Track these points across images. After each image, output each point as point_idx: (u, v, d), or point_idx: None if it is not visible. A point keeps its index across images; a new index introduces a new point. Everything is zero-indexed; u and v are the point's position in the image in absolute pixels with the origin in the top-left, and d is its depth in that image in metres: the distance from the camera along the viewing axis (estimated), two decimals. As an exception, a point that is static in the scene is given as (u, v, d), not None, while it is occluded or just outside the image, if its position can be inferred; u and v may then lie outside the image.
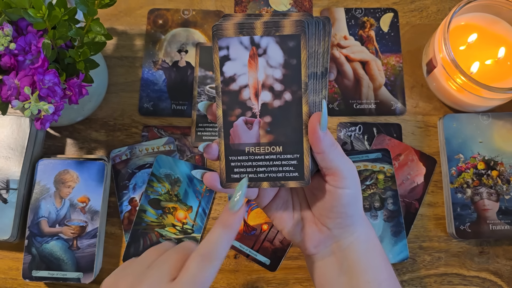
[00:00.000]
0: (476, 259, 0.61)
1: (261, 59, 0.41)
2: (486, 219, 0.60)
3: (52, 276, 0.58)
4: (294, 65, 0.41)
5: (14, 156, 0.60)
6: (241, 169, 0.43)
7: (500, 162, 0.62)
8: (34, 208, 0.60)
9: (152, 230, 0.61)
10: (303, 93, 0.41)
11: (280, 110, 0.42)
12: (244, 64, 0.42)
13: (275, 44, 0.41)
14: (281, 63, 0.41)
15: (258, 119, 0.42)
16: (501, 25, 0.64)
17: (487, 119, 0.63)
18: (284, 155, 0.42)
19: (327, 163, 0.42)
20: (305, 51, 0.40)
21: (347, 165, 0.43)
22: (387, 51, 0.69)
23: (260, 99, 0.42)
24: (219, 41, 0.42)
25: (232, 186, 0.43)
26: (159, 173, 0.63)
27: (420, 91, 0.67)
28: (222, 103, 0.42)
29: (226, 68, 0.42)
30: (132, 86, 0.68)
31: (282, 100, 0.42)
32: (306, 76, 0.41)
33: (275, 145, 0.42)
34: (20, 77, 0.49)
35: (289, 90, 0.41)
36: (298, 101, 0.41)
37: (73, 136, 0.66)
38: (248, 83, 0.42)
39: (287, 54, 0.41)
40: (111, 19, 0.70)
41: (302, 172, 0.42)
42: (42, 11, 0.48)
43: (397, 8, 0.71)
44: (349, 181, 0.43)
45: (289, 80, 0.41)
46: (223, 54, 0.42)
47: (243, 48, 0.41)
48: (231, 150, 0.43)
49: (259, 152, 0.43)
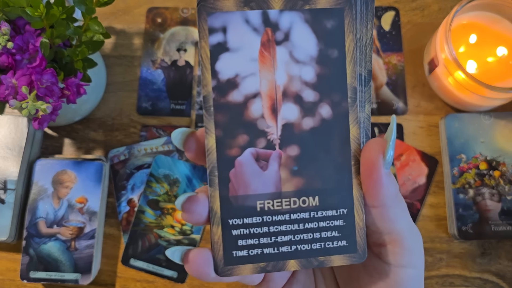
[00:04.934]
0: (478, 260, 0.61)
1: (281, 49, 0.26)
2: (488, 219, 0.60)
3: (50, 277, 0.57)
4: (335, 59, 0.26)
5: (12, 156, 0.60)
6: (251, 240, 0.27)
7: (502, 162, 0.61)
8: (32, 209, 0.59)
9: (151, 231, 0.61)
10: (350, 105, 0.27)
11: (314, 135, 0.27)
12: (252, 58, 0.27)
13: (303, 23, 0.26)
14: (314, 56, 0.27)
15: (277, 152, 0.27)
16: (504, 24, 0.63)
17: (489, 119, 0.63)
18: (323, 211, 0.27)
19: (385, 223, 0.27)
20: (351, 35, 0.26)
21: (413, 230, 0.28)
22: (389, 50, 0.68)
23: (280, 117, 0.27)
24: (210, 18, 0.26)
25: (235, 272, 0.27)
26: (158, 173, 0.62)
27: (422, 91, 0.67)
28: (215, 125, 0.27)
29: (222, 64, 0.27)
30: (130, 86, 0.67)
31: (317, 117, 0.27)
32: (354, 78, 0.27)
33: (308, 196, 0.27)
34: (18, 76, 0.49)
35: (328, 100, 0.27)
36: (343, 119, 0.27)
37: (71, 136, 0.65)
38: (260, 90, 0.27)
39: (323, 40, 0.26)
40: (110, 17, 0.70)
41: (354, 239, 0.27)
42: (40, 9, 0.47)
43: (398, 7, 0.70)
44: (415, 255, 0.28)
45: (328, 84, 0.27)
46: (216, 40, 0.26)
47: (251, 31, 0.26)
48: (231, 207, 0.27)
49: (281, 210, 0.27)
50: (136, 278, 0.60)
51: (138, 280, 0.60)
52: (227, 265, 0.27)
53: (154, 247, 0.60)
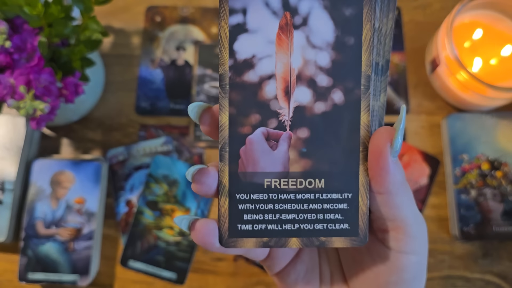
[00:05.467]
0: (480, 261, 0.60)
1: (299, 33, 0.27)
2: (490, 220, 0.59)
3: (48, 278, 0.57)
4: (351, 47, 0.27)
5: (10, 156, 0.59)
6: (256, 215, 0.28)
7: (504, 163, 0.61)
8: (30, 210, 0.59)
9: (150, 232, 0.60)
10: (362, 92, 0.27)
11: (325, 119, 0.27)
12: (270, 41, 0.27)
13: (322, 9, 0.27)
14: (330, 42, 0.27)
15: (288, 133, 0.27)
16: (506, 22, 0.63)
17: (491, 119, 0.62)
18: (328, 194, 0.28)
19: (390, 210, 0.27)
20: (369, 24, 0.27)
21: (418, 218, 0.28)
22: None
23: (292, 100, 0.27)
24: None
25: (238, 244, 0.28)
26: (157, 174, 0.62)
27: (423, 90, 0.66)
28: (229, 103, 0.28)
29: (240, 45, 0.27)
30: (129, 85, 0.67)
31: (329, 102, 0.27)
32: (369, 66, 0.27)
33: (314, 178, 0.28)
34: (16, 75, 0.48)
35: (341, 86, 0.27)
36: (355, 106, 0.27)
37: (69, 136, 0.65)
38: (275, 72, 0.27)
39: (341, 27, 0.27)
40: (108, 16, 0.69)
41: (356, 223, 0.28)
42: (38, 8, 0.47)
43: (400, 5, 0.70)
44: (418, 243, 0.28)
45: (342, 70, 0.27)
46: (236, 21, 0.27)
47: (270, 14, 0.27)
48: (239, 183, 0.28)
49: (287, 189, 0.28)
50: (135, 280, 0.59)
51: (137, 281, 0.59)
52: (231, 237, 0.28)
53: (153, 248, 0.59)
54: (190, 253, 0.59)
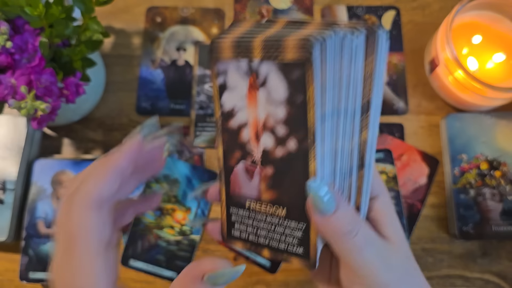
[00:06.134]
0: (479, 261, 0.61)
1: (262, 90, 0.31)
2: (489, 220, 0.59)
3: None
4: (299, 104, 0.30)
5: (11, 156, 0.59)
6: (242, 226, 0.35)
7: (503, 162, 0.61)
8: (31, 209, 0.59)
9: (150, 232, 0.60)
10: (309, 145, 0.30)
11: (283, 162, 0.32)
12: (243, 96, 0.32)
13: (278, 72, 0.30)
14: (284, 99, 0.31)
15: (258, 168, 0.33)
16: (505, 23, 0.63)
17: (490, 119, 0.62)
18: (289, 220, 0.33)
19: (337, 254, 0.31)
20: (312, 86, 0.29)
21: (376, 263, 0.31)
22: (389, 50, 0.68)
23: (261, 144, 0.33)
24: (217, 65, 0.33)
25: (233, 243, 0.36)
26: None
27: (422, 90, 0.66)
28: (222, 141, 0.34)
29: (225, 99, 0.33)
30: (130, 85, 0.67)
31: (285, 149, 0.31)
32: (314, 121, 0.30)
33: (279, 205, 0.33)
34: (17, 76, 0.49)
35: (295, 136, 0.31)
36: (304, 154, 0.30)
37: (70, 136, 0.65)
38: (248, 120, 0.33)
39: (291, 87, 0.30)
40: (109, 17, 0.69)
41: (307, 250, 0.32)
42: (39, 9, 0.47)
43: (399, 6, 0.70)
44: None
45: (294, 123, 0.31)
46: (221, 81, 0.33)
47: (242, 75, 0.32)
48: (231, 200, 0.35)
49: (261, 211, 0.34)
50: (136, 279, 0.60)
51: (138, 280, 0.60)
52: (229, 238, 0.36)
53: (154, 248, 0.59)
54: (191, 252, 0.59)
